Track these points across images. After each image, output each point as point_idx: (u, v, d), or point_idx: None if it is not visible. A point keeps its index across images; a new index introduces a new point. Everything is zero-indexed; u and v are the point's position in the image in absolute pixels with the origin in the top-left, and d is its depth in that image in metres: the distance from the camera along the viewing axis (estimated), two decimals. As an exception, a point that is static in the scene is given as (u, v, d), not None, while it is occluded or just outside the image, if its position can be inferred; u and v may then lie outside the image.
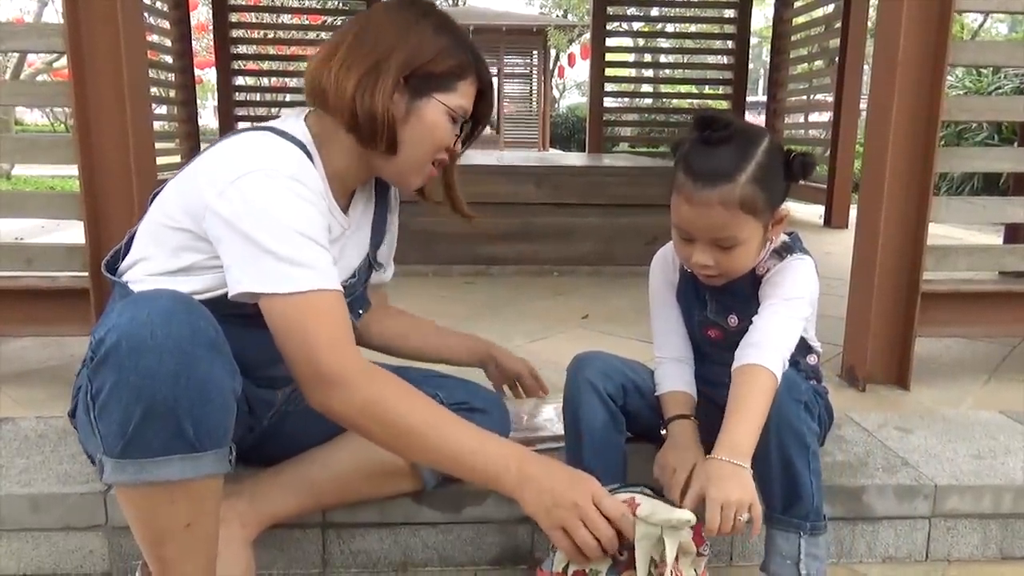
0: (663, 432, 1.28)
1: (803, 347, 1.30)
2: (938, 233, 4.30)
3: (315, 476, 1.25)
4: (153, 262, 1.12)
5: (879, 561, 1.40)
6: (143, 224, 1.18)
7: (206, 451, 0.93)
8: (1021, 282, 2.07)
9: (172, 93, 4.85)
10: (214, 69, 5.62)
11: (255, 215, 1.00)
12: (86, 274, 1.71)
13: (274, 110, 6.47)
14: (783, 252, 1.25)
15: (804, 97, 5.97)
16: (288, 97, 6.60)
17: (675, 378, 1.33)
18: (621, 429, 1.28)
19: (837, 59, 4.96)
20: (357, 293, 1.31)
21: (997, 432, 1.61)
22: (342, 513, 1.31)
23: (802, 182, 1.23)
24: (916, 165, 1.82)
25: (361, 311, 1.35)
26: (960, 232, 4.55)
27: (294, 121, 1.16)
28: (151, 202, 1.20)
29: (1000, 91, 6.82)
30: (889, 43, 1.80)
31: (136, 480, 0.92)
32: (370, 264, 1.35)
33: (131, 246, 1.20)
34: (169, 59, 4.89)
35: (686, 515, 1.02)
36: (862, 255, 1.92)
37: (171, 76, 4.87)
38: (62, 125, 16.29)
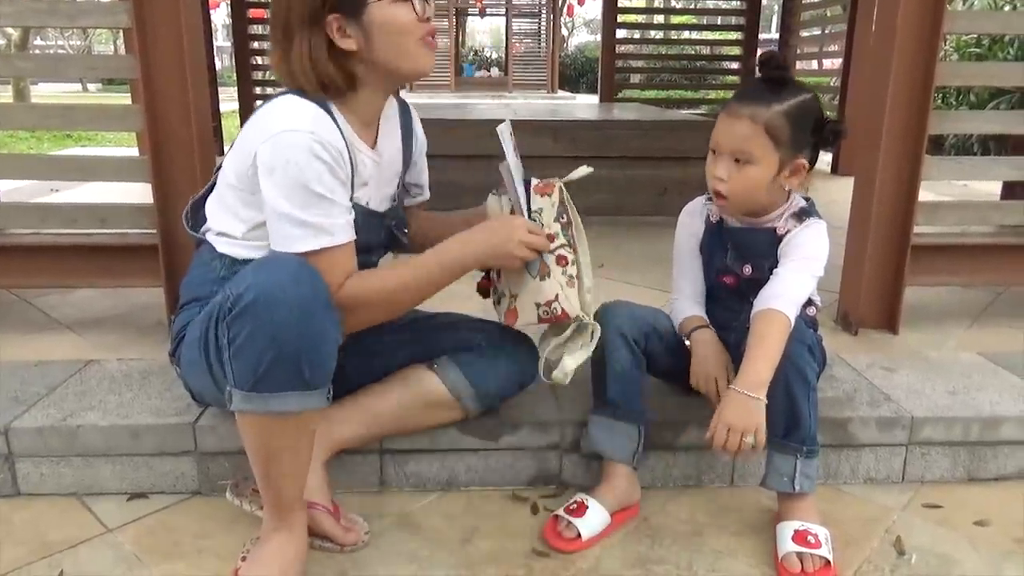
0: (687, 342, 1.48)
1: (806, 299, 1.48)
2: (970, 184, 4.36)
3: (374, 408, 1.45)
4: (227, 226, 1.31)
5: (861, 482, 1.61)
6: (212, 192, 1.36)
7: (316, 389, 1.14)
8: (1002, 235, 2.23)
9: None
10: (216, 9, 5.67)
11: (276, 180, 1.18)
12: (155, 231, 1.89)
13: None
14: (802, 216, 1.42)
15: (816, 45, 6.00)
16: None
17: (690, 308, 1.53)
18: (642, 369, 1.46)
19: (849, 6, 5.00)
20: (399, 217, 1.49)
21: (973, 371, 1.80)
22: (397, 441, 1.52)
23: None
24: (911, 127, 1.96)
25: (407, 230, 1.52)
26: (982, 186, 4.59)
27: None
28: (217, 172, 1.38)
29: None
30: (888, 11, 1.93)
31: (261, 410, 1.12)
32: (404, 187, 1.53)
33: (197, 208, 1.39)
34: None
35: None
36: (858, 210, 2.08)
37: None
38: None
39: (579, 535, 1.35)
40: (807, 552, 1.29)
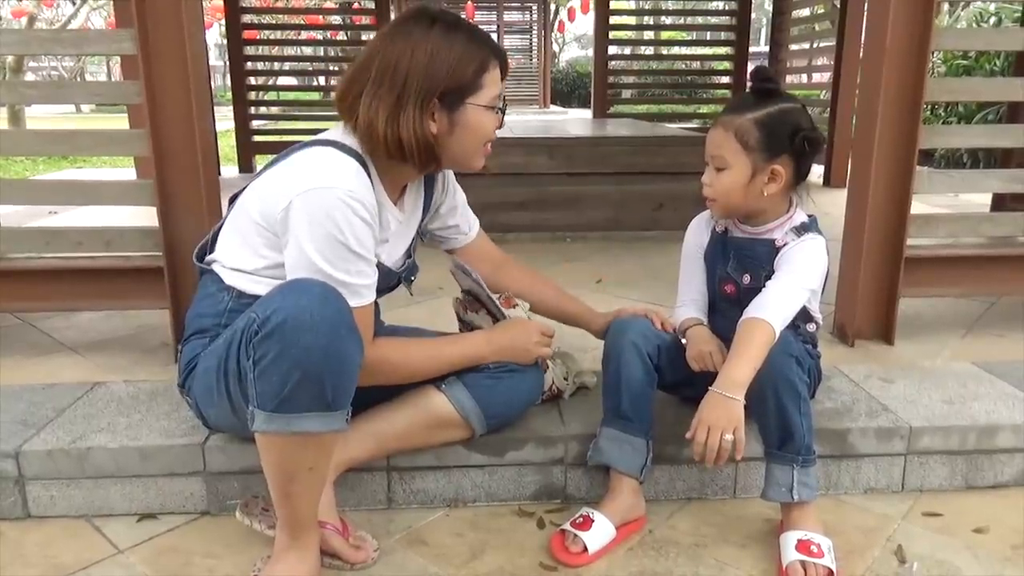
0: (683, 340, 1.52)
1: (805, 315, 1.52)
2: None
3: (382, 429, 1.46)
4: (242, 261, 1.32)
5: (861, 492, 1.63)
6: (227, 224, 1.38)
7: (337, 411, 1.16)
8: (994, 246, 2.27)
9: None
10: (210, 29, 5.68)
11: (315, 232, 1.20)
12: (160, 253, 1.91)
13: (280, 79, 6.56)
14: (801, 231, 1.47)
15: (806, 59, 6.07)
16: (288, 65, 6.66)
17: (691, 312, 1.58)
18: (653, 384, 1.49)
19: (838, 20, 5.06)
20: (409, 263, 1.53)
21: (968, 380, 1.83)
22: (404, 458, 1.54)
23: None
24: (901, 142, 2.00)
25: (413, 278, 1.56)
26: (972, 197, 4.59)
27: (349, 134, 1.32)
28: (231, 203, 1.40)
29: None
30: (878, 30, 1.97)
31: (283, 430, 1.14)
32: (419, 235, 1.56)
33: (216, 241, 1.40)
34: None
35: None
36: (852, 223, 2.12)
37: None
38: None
39: (585, 548, 1.37)
40: (811, 561, 1.31)
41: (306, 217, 1.20)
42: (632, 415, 1.45)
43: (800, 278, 1.42)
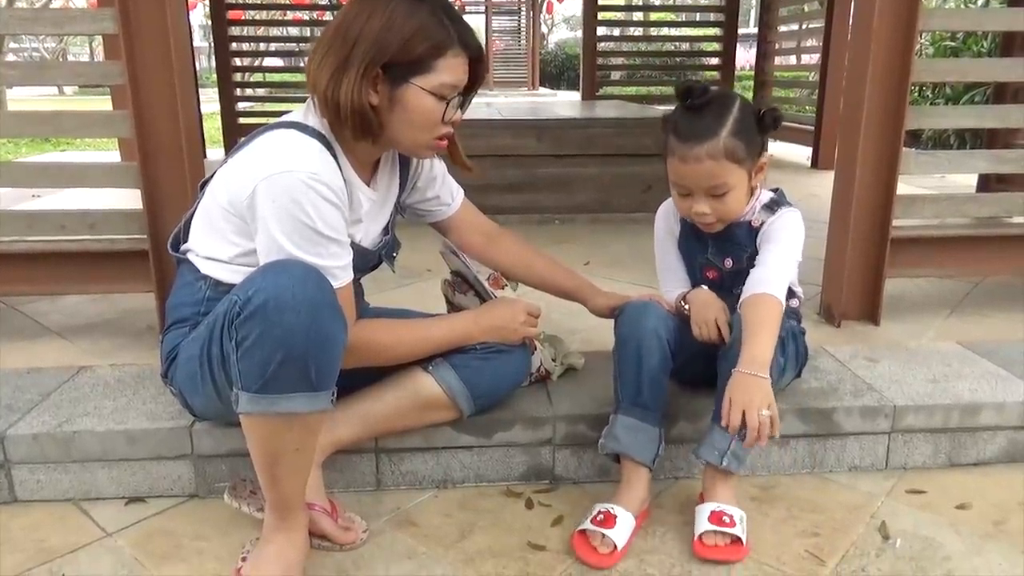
0: (685, 305, 1.52)
1: (788, 291, 1.52)
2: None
3: (370, 410, 1.46)
4: (215, 249, 1.31)
5: (846, 470, 1.65)
6: (198, 211, 1.36)
7: (321, 391, 1.16)
8: (979, 227, 2.28)
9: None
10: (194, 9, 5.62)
11: (281, 217, 1.18)
12: (145, 236, 1.90)
13: (266, 60, 6.50)
14: (773, 206, 1.48)
15: (795, 41, 6.05)
16: (273, 46, 6.59)
17: (681, 290, 1.58)
18: (668, 371, 1.47)
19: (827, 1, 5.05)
20: (388, 239, 1.51)
21: (952, 360, 1.84)
22: (392, 440, 1.54)
23: (792, 124, 1.48)
24: (888, 122, 2.00)
25: (395, 255, 1.55)
26: (959, 178, 4.60)
27: (312, 113, 1.30)
28: (201, 188, 1.39)
29: None
30: (865, 11, 1.97)
31: (267, 411, 1.14)
32: (398, 210, 1.55)
33: (189, 228, 1.39)
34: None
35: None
36: (839, 204, 2.13)
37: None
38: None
39: (616, 547, 1.33)
40: (722, 531, 1.32)
41: (271, 203, 1.18)
42: (650, 403, 1.43)
43: (789, 250, 1.44)
